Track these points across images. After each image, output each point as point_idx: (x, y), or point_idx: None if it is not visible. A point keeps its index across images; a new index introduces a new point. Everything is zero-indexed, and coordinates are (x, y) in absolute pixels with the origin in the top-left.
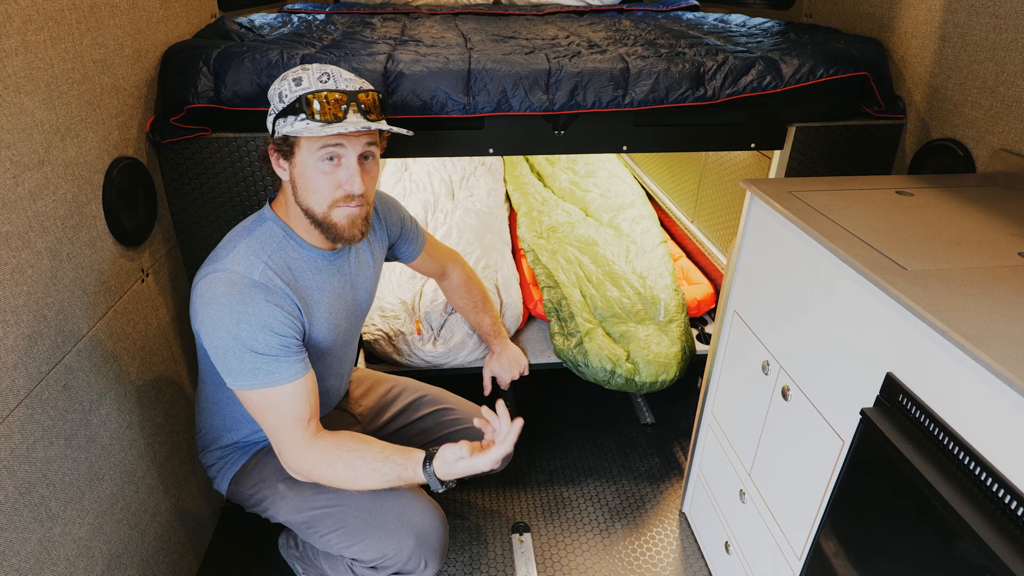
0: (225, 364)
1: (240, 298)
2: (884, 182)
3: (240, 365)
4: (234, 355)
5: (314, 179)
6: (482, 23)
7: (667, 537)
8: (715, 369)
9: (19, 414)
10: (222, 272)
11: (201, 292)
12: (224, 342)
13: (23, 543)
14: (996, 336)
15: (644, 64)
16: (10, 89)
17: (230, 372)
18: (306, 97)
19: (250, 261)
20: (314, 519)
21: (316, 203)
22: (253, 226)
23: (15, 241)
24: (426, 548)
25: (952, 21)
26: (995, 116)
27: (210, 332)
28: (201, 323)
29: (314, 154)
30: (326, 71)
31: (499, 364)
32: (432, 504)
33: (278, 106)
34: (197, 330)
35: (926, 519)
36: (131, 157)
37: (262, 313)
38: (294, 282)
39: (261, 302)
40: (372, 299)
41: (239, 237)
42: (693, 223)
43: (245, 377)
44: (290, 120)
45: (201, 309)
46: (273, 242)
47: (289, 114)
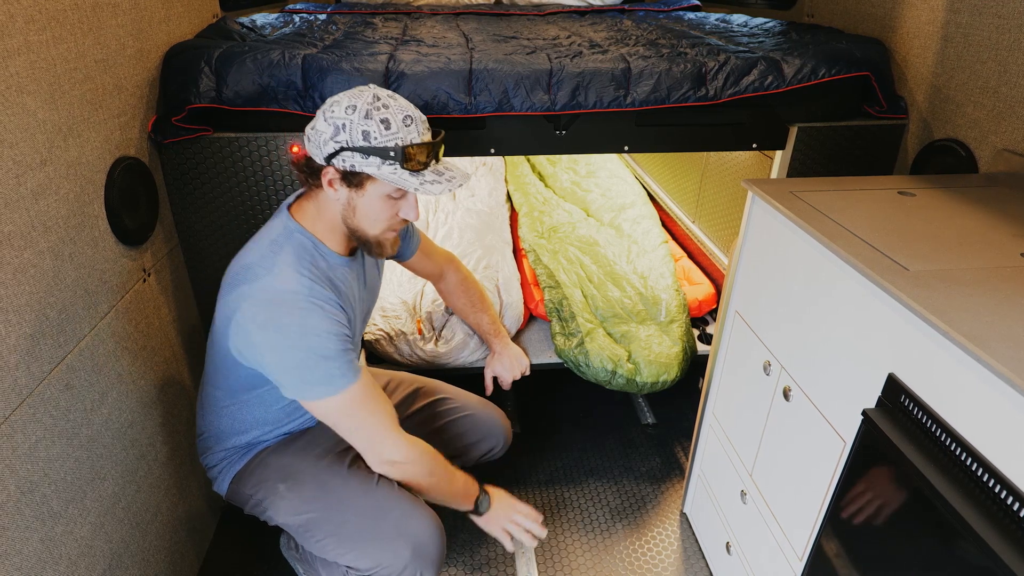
0: (299, 379)
1: (300, 314)
2: (886, 182)
3: (315, 375)
4: (307, 368)
5: (379, 211)
6: (483, 23)
7: (668, 537)
8: (716, 369)
9: (21, 413)
10: (270, 292)
11: (254, 316)
12: (295, 358)
13: (25, 542)
14: (998, 337)
15: (646, 64)
16: (12, 89)
17: (305, 386)
18: (405, 151)
19: (295, 278)
20: (311, 522)
21: (371, 227)
22: (283, 240)
23: (17, 241)
24: (422, 560)
25: (955, 21)
26: (998, 116)
27: (275, 353)
28: (258, 345)
29: (386, 190)
30: (407, 112)
31: (500, 364)
32: (431, 514)
33: (360, 143)
34: (251, 354)
35: (928, 520)
36: (133, 157)
37: (324, 321)
38: (333, 289)
39: (319, 313)
40: (377, 298)
41: (273, 253)
42: (694, 223)
43: (322, 386)
44: (374, 161)
45: (258, 332)
46: (306, 255)
47: (373, 155)
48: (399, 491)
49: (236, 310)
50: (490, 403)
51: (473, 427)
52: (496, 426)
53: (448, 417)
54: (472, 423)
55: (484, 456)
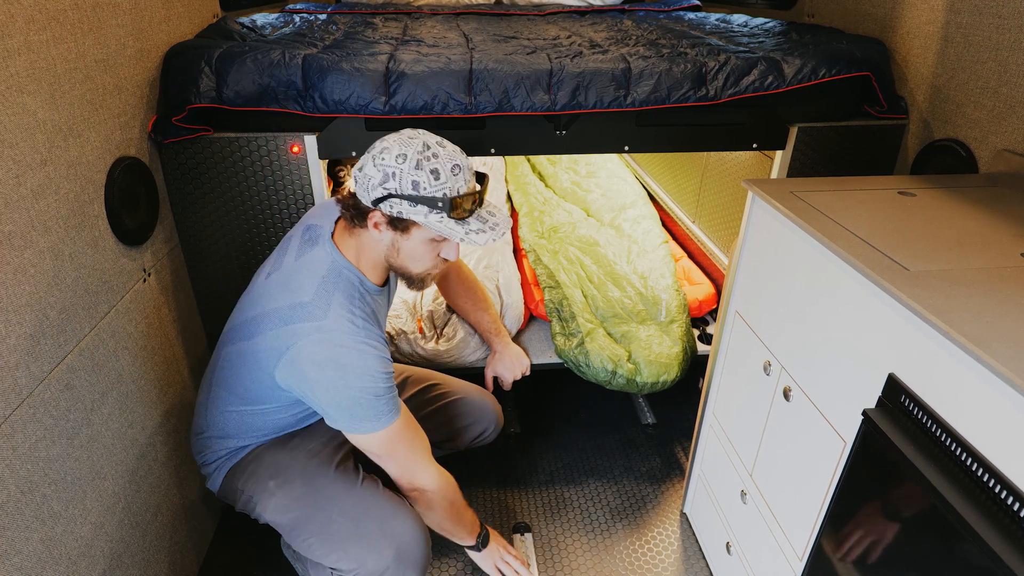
0: (349, 415)
1: (357, 356)
2: (886, 182)
3: (366, 412)
4: (360, 406)
5: (423, 254)
6: (484, 23)
7: (668, 537)
8: (716, 369)
9: (21, 413)
10: (327, 334)
11: (311, 356)
12: (349, 396)
13: (25, 542)
14: (998, 337)
15: (646, 64)
16: (13, 89)
17: (355, 421)
18: (452, 201)
19: (349, 321)
20: (297, 521)
21: (414, 267)
22: (334, 276)
23: (17, 241)
24: (406, 563)
25: (955, 21)
26: (998, 116)
27: (329, 392)
28: (313, 382)
29: (430, 235)
30: (455, 162)
31: (501, 364)
32: (415, 516)
33: (410, 192)
34: (301, 390)
35: (928, 520)
36: (133, 157)
37: (378, 363)
38: (377, 323)
39: (373, 355)
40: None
41: (327, 292)
42: (695, 223)
43: (371, 422)
44: (422, 210)
45: (314, 371)
46: (355, 292)
47: (421, 204)
48: (384, 492)
49: (290, 347)
50: (479, 387)
51: (464, 411)
52: (487, 409)
53: (439, 402)
54: (463, 407)
55: (476, 439)
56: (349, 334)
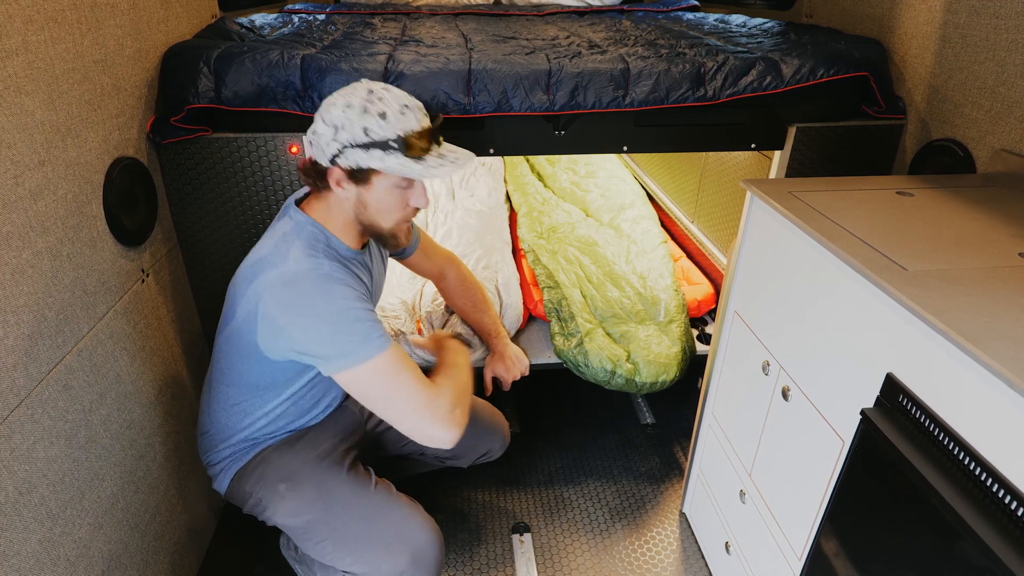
0: (337, 347)
1: (323, 286)
2: (884, 182)
3: (352, 338)
4: (343, 332)
5: (390, 203)
6: (482, 23)
7: (667, 537)
8: (715, 369)
9: (19, 414)
10: (287, 276)
11: (276, 301)
12: (328, 327)
13: (23, 543)
14: (996, 336)
15: (644, 64)
16: (11, 89)
17: (346, 352)
18: (406, 140)
19: (313, 260)
20: (310, 525)
21: (385, 221)
22: (297, 230)
23: (15, 241)
24: (420, 567)
25: (952, 22)
26: (995, 116)
27: (307, 329)
28: (290, 327)
29: (395, 182)
30: (403, 102)
31: (500, 364)
32: (429, 520)
33: (362, 139)
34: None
35: (927, 519)
36: (131, 157)
37: (347, 292)
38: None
39: (339, 284)
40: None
41: (287, 243)
42: (693, 223)
43: (362, 347)
44: (377, 154)
45: (284, 314)
46: (320, 243)
47: (375, 148)
48: (397, 496)
49: (258, 302)
50: (489, 404)
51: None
52: (494, 428)
53: None
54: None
55: (481, 457)
56: (312, 269)
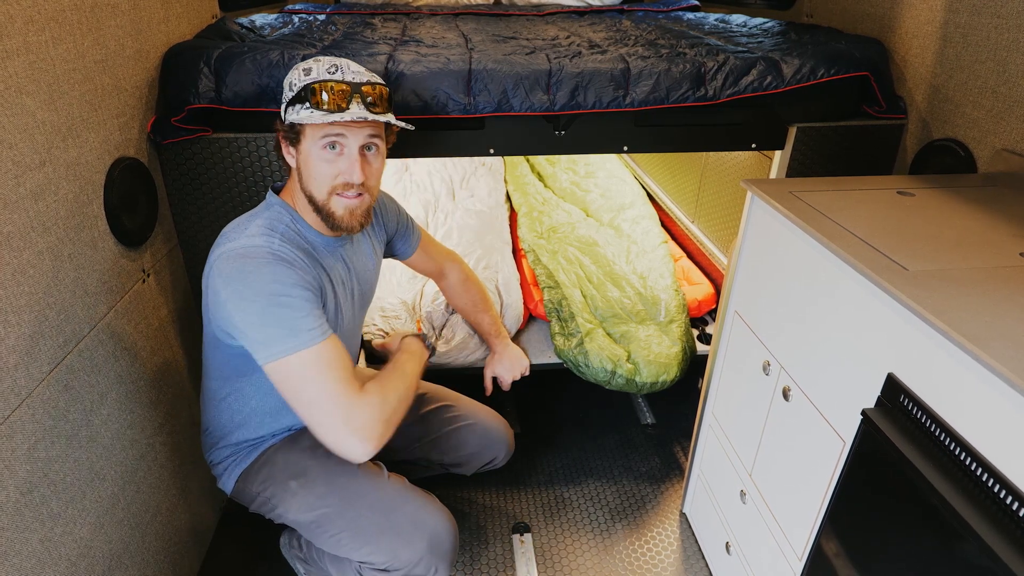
0: (263, 333)
1: (264, 262)
2: (885, 182)
3: (279, 328)
4: (272, 317)
5: (316, 166)
6: (483, 23)
7: (668, 537)
8: (716, 369)
9: (21, 414)
10: (238, 249)
11: (220, 271)
12: (258, 307)
13: (24, 543)
14: (997, 336)
15: (645, 64)
16: (12, 89)
17: (269, 340)
18: (312, 87)
19: (265, 236)
20: (324, 518)
21: (317, 190)
22: (260, 210)
23: (17, 241)
24: (437, 554)
25: (953, 21)
26: (997, 116)
27: (240, 304)
28: (228, 301)
29: (317, 142)
30: (336, 63)
31: (500, 365)
32: (444, 509)
33: (288, 95)
34: (221, 314)
35: (927, 520)
36: (132, 157)
37: (289, 275)
38: (308, 258)
39: (285, 266)
40: (373, 293)
41: (247, 221)
42: (694, 223)
43: (287, 338)
44: (297, 108)
45: (224, 287)
46: (282, 223)
47: (296, 102)
48: (411, 486)
49: (208, 272)
50: (494, 412)
51: (475, 437)
52: (498, 437)
53: (451, 426)
54: (474, 433)
55: (485, 466)
56: (261, 245)
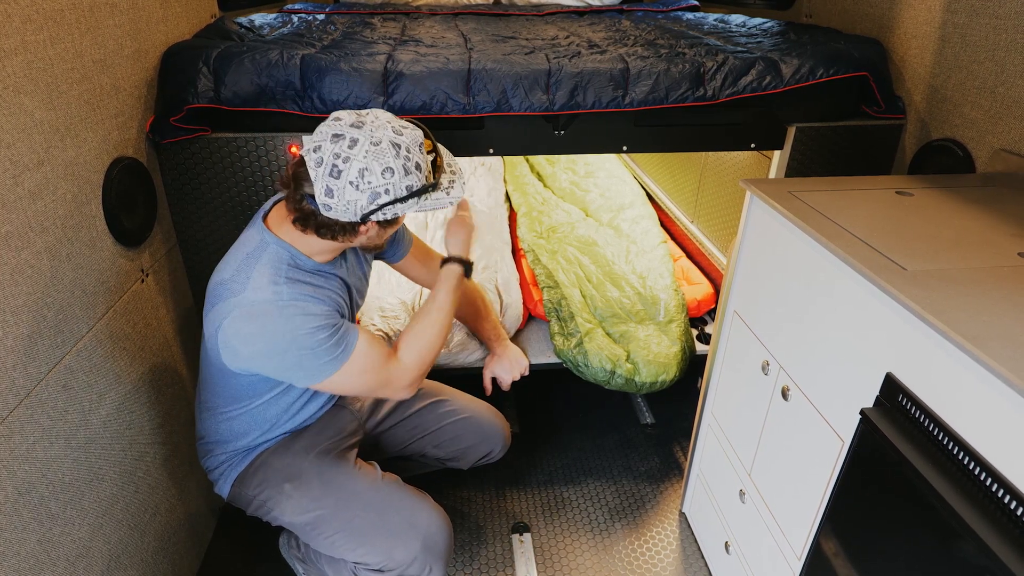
0: (304, 372)
1: (282, 319)
2: (884, 182)
3: (318, 362)
4: (309, 359)
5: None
6: (482, 23)
7: (667, 537)
8: (715, 369)
9: (19, 414)
10: (248, 306)
11: (237, 332)
12: (291, 357)
13: (22, 543)
14: (996, 336)
15: (644, 64)
16: (10, 89)
17: (312, 374)
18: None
19: (273, 288)
20: (319, 520)
21: (378, 241)
22: (257, 252)
23: (15, 241)
24: (432, 554)
25: (952, 22)
26: (995, 116)
27: (270, 360)
28: (252, 357)
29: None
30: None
31: (500, 365)
32: (438, 508)
33: (404, 195)
34: (244, 365)
35: (926, 519)
36: (131, 157)
37: (306, 321)
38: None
39: (299, 314)
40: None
41: (247, 266)
42: (693, 223)
43: (329, 367)
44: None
45: (244, 346)
46: (282, 265)
47: (414, 197)
48: (405, 486)
49: (219, 328)
50: (490, 406)
51: (471, 430)
52: (494, 430)
53: (447, 420)
54: (470, 426)
55: (482, 459)
56: (269, 301)
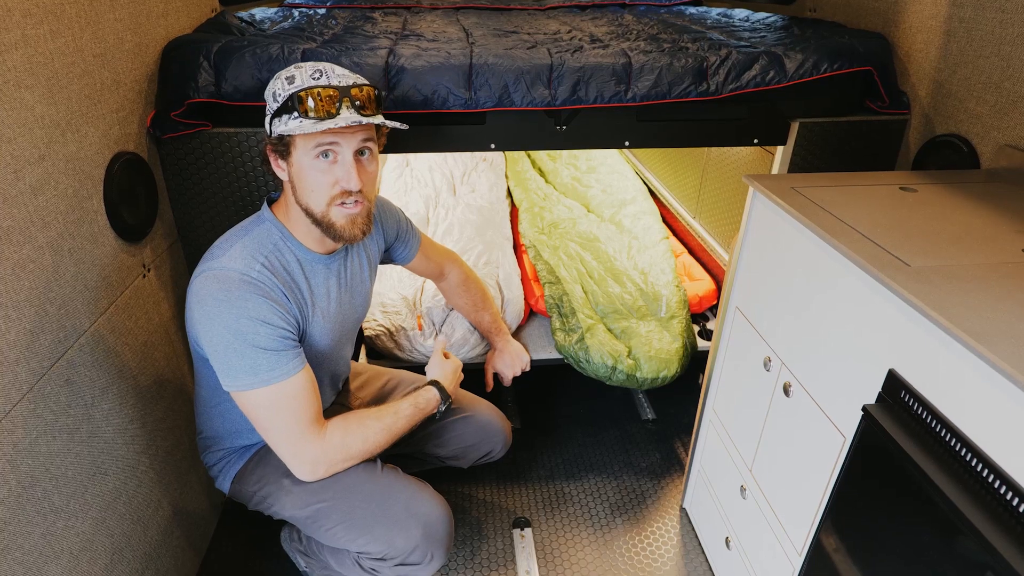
0: (226, 363)
1: (238, 294)
2: (887, 178)
3: (241, 362)
4: (235, 352)
5: (311, 177)
6: (484, 17)
7: (668, 533)
8: (716, 365)
9: (22, 409)
10: (217, 270)
11: (196, 290)
12: (223, 339)
13: (27, 536)
14: (999, 332)
15: (647, 59)
16: (10, 84)
17: (230, 372)
18: (298, 95)
19: (246, 260)
20: (319, 513)
21: (315, 202)
22: (250, 226)
23: (16, 236)
24: (432, 541)
25: (957, 15)
26: (1000, 111)
27: (208, 331)
28: (198, 322)
29: (309, 152)
30: (319, 68)
31: (501, 360)
32: (438, 496)
33: (272, 106)
34: (194, 331)
35: (927, 515)
36: (132, 152)
37: (260, 308)
38: (291, 282)
39: (258, 298)
40: (368, 304)
41: (235, 237)
42: (695, 219)
43: (246, 375)
44: (284, 119)
45: (196, 308)
46: (270, 243)
47: (283, 113)
48: (404, 476)
49: (189, 289)
50: (491, 405)
51: (472, 429)
52: (495, 429)
53: (448, 418)
54: (471, 425)
55: (482, 458)
56: (235, 271)
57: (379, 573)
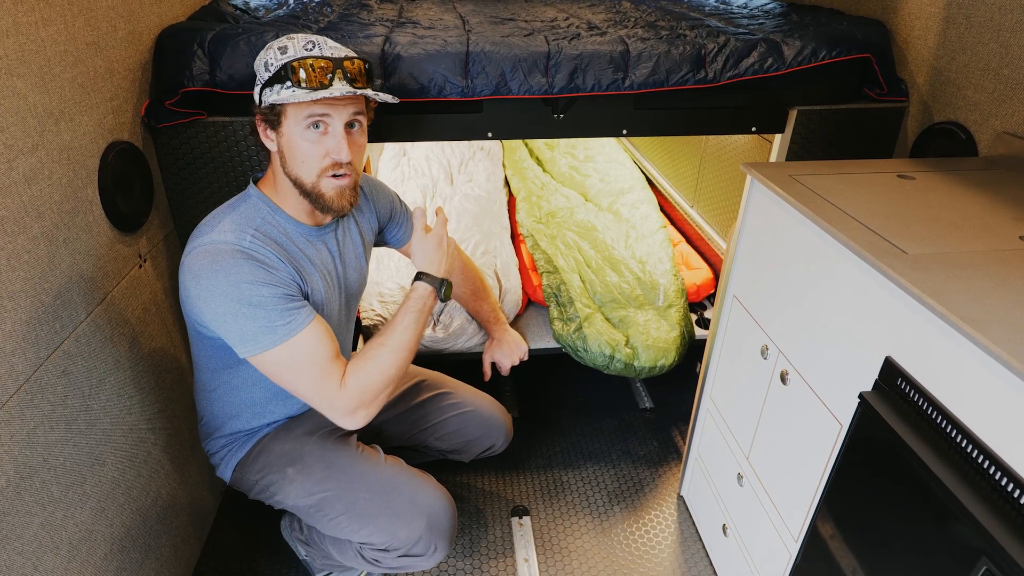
0: (238, 331)
1: (232, 262)
2: (885, 166)
3: (254, 325)
4: (244, 317)
5: (301, 148)
6: (480, 5)
7: (665, 520)
8: (714, 354)
9: (19, 399)
10: (208, 245)
11: (189, 266)
12: (229, 308)
13: (26, 527)
14: (996, 320)
15: (644, 46)
16: (2, 72)
17: (245, 337)
18: (291, 64)
19: (236, 232)
20: (323, 502)
21: (305, 173)
22: (236, 203)
23: (11, 226)
24: (436, 532)
25: (956, 2)
26: (998, 99)
27: (210, 304)
28: (197, 298)
29: (300, 122)
30: (312, 40)
31: (499, 350)
32: (441, 488)
33: (264, 76)
34: (193, 310)
35: (923, 502)
36: (126, 141)
37: (257, 272)
38: (283, 251)
39: (253, 263)
40: (364, 282)
41: (223, 213)
42: (693, 208)
43: (264, 335)
44: (276, 88)
45: (193, 284)
46: (258, 216)
47: (275, 83)
48: (408, 467)
49: (181, 268)
50: (492, 399)
51: (474, 424)
52: (496, 423)
53: (449, 413)
54: (473, 420)
55: (483, 452)
56: (231, 242)
57: (381, 564)
